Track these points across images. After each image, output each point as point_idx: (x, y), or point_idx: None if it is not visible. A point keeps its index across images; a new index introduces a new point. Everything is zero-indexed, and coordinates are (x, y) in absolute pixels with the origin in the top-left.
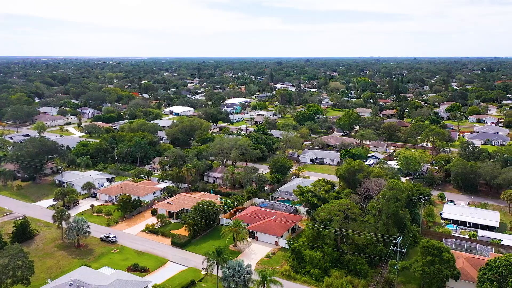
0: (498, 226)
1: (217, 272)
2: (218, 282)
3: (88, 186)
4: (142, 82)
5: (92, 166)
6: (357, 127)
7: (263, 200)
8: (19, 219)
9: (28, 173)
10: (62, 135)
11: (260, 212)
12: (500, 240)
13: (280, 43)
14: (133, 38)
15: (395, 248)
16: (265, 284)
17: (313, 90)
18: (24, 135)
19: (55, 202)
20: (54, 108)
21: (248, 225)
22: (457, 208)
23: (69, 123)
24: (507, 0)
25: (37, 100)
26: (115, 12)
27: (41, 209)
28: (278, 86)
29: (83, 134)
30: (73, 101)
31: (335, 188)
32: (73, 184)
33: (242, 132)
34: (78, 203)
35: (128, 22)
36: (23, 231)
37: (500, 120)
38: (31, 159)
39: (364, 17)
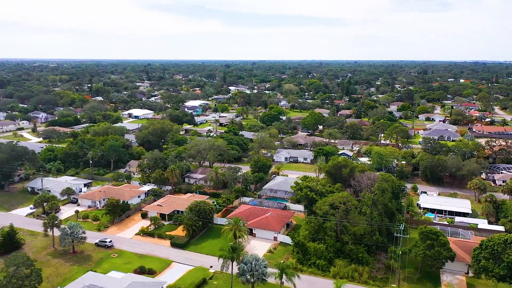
0: (471, 212)
1: (231, 268)
2: (232, 278)
3: (68, 191)
4: (93, 85)
5: (63, 171)
6: (320, 127)
7: (251, 198)
8: (4, 228)
9: None
10: (18, 141)
11: (255, 209)
12: (476, 225)
13: (226, 46)
14: (70, 40)
15: (398, 234)
16: (284, 276)
17: (267, 92)
18: None
19: (34, 210)
20: (1, 113)
21: (245, 222)
22: (432, 198)
23: (22, 128)
24: (435, 8)
25: None
26: (46, 11)
27: (20, 218)
28: (232, 88)
29: (41, 139)
30: (21, 105)
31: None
32: (49, 191)
33: (212, 134)
34: (60, 209)
35: (62, 22)
36: (10, 241)
37: (446, 118)
38: (0, 165)
39: (306, 22)
